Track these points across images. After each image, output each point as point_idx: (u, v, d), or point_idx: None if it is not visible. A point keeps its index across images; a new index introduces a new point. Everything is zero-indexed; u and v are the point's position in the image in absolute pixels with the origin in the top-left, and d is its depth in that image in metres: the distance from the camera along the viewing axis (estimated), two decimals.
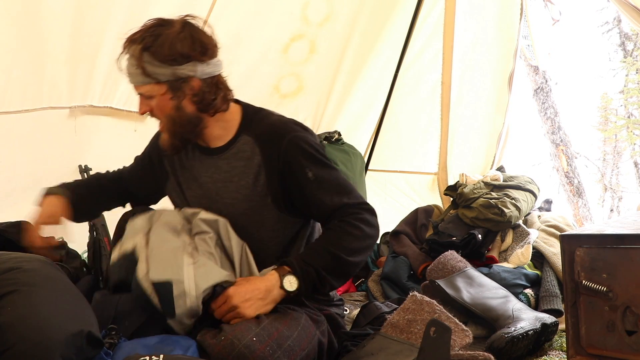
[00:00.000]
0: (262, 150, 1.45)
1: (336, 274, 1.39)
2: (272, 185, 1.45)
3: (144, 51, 1.33)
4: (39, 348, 0.99)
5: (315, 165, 1.44)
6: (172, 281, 1.27)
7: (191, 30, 1.37)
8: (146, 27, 1.37)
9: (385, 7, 3.01)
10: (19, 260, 1.18)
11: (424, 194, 3.36)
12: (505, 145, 3.28)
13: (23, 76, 2.07)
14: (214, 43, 1.42)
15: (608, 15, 6.51)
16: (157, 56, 1.33)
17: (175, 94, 1.38)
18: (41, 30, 2.03)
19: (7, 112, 2.12)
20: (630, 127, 6.89)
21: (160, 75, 1.35)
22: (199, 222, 1.42)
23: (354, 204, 1.44)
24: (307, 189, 1.43)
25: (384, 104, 3.30)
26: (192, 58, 1.35)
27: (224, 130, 1.49)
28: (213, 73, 1.42)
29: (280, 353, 1.26)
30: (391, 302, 1.99)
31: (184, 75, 1.36)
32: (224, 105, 1.46)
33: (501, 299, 1.84)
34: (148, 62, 1.33)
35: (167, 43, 1.33)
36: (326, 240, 1.40)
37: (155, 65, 1.33)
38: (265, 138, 1.45)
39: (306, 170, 1.42)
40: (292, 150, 1.43)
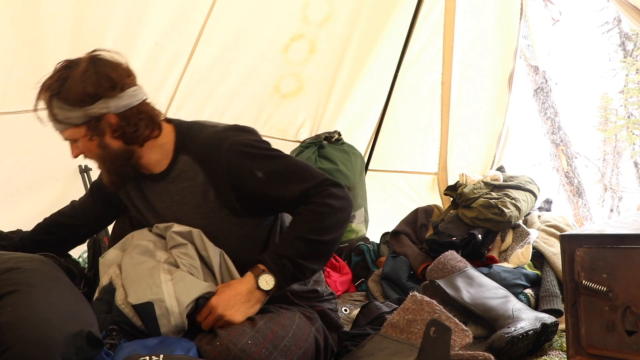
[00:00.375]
0: (202, 167, 1.42)
1: (314, 258, 1.37)
2: (223, 198, 1.42)
3: (52, 98, 1.33)
4: (39, 348, 0.99)
5: (262, 163, 1.39)
6: (153, 301, 1.27)
7: (97, 67, 1.33)
8: (54, 72, 1.35)
9: (385, 7, 3.01)
10: (19, 260, 1.18)
11: (424, 194, 3.36)
12: (505, 145, 3.28)
13: (23, 76, 2.07)
14: (125, 74, 1.38)
15: (608, 15, 6.52)
16: (67, 101, 1.32)
17: (95, 133, 1.36)
18: (41, 30, 2.03)
19: (7, 112, 2.12)
20: (630, 127, 6.90)
21: (74, 118, 1.34)
22: (173, 235, 1.41)
23: (316, 183, 1.38)
24: (262, 189, 1.39)
25: (384, 104, 3.30)
26: (101, 96, 1.33)
27: (161, 155, 1.45)
28: (129, 105, 1.37)
29: (277, 354, 1.26)
30: (391, 302, 1.99)
31: (97, 114, 1.34)
32: (153, 133, 1.42)
33: (501, 299, 1.84)
34: (59, 108, 1.33)
35: (74, 86, 1.31)
36: (296, 227, 1.38)
37: (66, 110, 1.32)
38: (203, 155, 1.42)
39: (254, 171, 1.38)
40: (232, 159, 1.38)
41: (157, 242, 1.45)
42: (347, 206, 1.41)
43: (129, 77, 1.38)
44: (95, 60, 1.35)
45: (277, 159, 1.42)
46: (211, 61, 2.63)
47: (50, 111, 1.34)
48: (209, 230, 1.44)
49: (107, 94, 1.33)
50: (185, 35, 2.48)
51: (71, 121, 1.34)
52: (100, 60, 1.35)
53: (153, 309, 1.27)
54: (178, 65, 2.54)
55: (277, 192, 1.39)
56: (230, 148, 1.39)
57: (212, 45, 2.57)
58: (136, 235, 1.48)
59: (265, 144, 1.45)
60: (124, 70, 1.38)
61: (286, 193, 1.39)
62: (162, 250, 1.42)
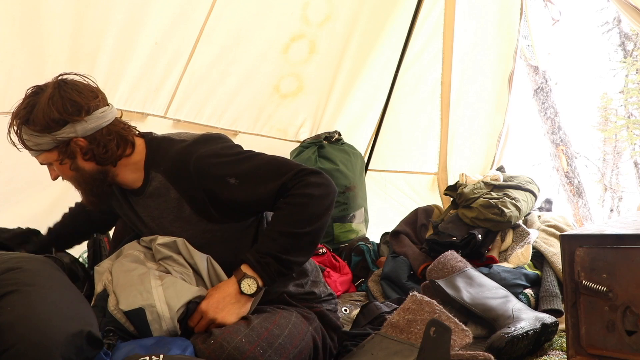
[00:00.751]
0: (173, 184, 1.42)
1: (298, 250, 1.36)
2: (200, 210, 1.42)
3: (22, 126, 1.36)
4: (38, 348, 0.99)
5: (232, 169, 1.39)
6: (144, 307, 1.28)
7: (62, 92, 1.35)
8: (23, 99, 1.38)
9: (385, 7, 3.01)
10: (18, 260, 1.18)
11: (424, 194, 3.36)
12: (505, 145, 3.28)
13: (23, 76, 2.07)
14: (92, 96, 1.38)
15: (608, 15, 6.52)
16: (35, 128, 1.34)
17: (66, 157, 1.39)
18: (41, 30, 2.03)
19: (7, 112, 2.12)
20: (630, 127, 6.89)
21: (44, 144, 1.36)
22: (159, 247, 1.43)
23: (291, 176, 1.37)
24: (238, 194, 1.38)
25: (384, 104, 3.31)
26: (67, 121, 1.34)
27: (136, 172, 1.47)
28: (97, 127, 1.38)
29: (272, 352, 1.27)
30: (391, 302, 1.99)
31: (66, 139, 1.36)
32: (126, 151, 1.44)
33: (501, 299, 1.84)
34: (28, 135, 1.35)
35: (40, 112, 1.33)
36: (277, 222, 1.36)
37: (35, 136, 1.35)
38: (172, 172, 1.42)
39: (226, 179, 1.37)
40: (201, 172, 1.38)
41: (146, 253, 1.46)
42: (328, 192, 1.39)
43: (95, 99, 1.39)
44: (61, 85, 1.36)
45: (247, 160, 1.41)
46: (211, 61, 2.63)
47: (21, 138, 1.37)
48: (192, 241, 1.45)
49: (72, 119, 1.34)
50: (185, 35, 2.48)
51: (42, 147, 1.37)
52: (66, 84, 1.37)
53: (144, 315, 1.28)
54: (178, 65, 2.54)
55: (253, 194, 1.38)
56: (197, 162, 1.38)
57: (212, 45, 2.57)
58: (127, 247, 1.50)
59: (234, 149, 1.45)
60: (90, 93, 1.38)
61: (263, 192, 1.38)
62: (151, 261, 1.44)
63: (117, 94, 2.43)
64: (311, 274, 1.59)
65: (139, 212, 1.52)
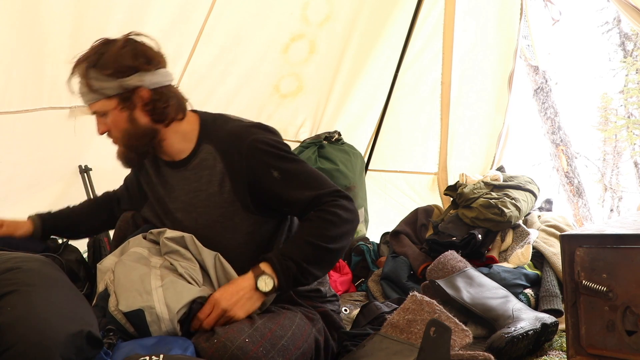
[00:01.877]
0: (223, 157, 1.45)
1: (318, 264, 1.38)
2: (238, 191, 1.44)
3: (89, 69, 1.36)
4: (38, 348, 0.99)
5: (280, 164, 1.42)
6: (143, 308, 1.28)
7: (134, 45, 1.39)
8: (91, 48, 1.39)
9: (385, 7, 3.01)
10: (18, 260, 1.18)
11: (424, 194, 3.36)
12: (505, 145, 3.28)
13: (23, 76, 2.07)
14: (159, 55, 1.44)
15: (608, 15, 6.52)
16: (103, 71, 1.35)
17: (125, 106, 1.40)
18: (41, 30, 2.03)
19: (7, 112, 2.12)
20: (630, 127, 6.89)
21: (108, 89, 1.37)
22: (166, 241, 1.42)
23: (328, 192, 1.41)
24: (276, 189, 1.42)
25: (384, 104, 3.30)
26: (137, 69, 1.37)
27: (185, 142, 1.49)
28: (162, 82, 1.42)
29: (275, 353, 1.26)
30: (391, 302, 1.99)
31: (132, 86, 1.37)
32: (179, 115, 1.46)
33: (501, 299, 1.84)
34: (94, 79, 1.36)
35: (111, 57, 1.36)
36: (304, 231, 1.38)
37: (101, 80, 1.36)
38: (225, 145, 1.45)
39: (271, 170, 1.41)
40: (253, 154, 1.41)
41: (151, 249, 1.45)
42: (354, 219, 1.43)
43: (162, 58, 1.44)
44: (132, 40, 1.40)
45: (294, 162, 1.45)
46: (211, 61, 2.63)
47: (86, 81, 1.37)
48: (220, 221, 1.46)
49: (143, 68, 1.38)
50: (185, 35, 2.48)
51: (106, 92, 1.37)
52: (136, 41, 1.41)
53: (144, 316, 1.27)
54: (178, 65, 2.54)
55: (289, 194, 1.41)
56: (252, 143, 1.42)
57: (212, 45, 2.57)
58: (131, 242, 1.49)
59: (286, 147, 1.48)
60: (158, 53, 1.44)
61: (298, 196, 1.41)
62: (157, 256, 1.43)
63: None
64: None
65: (172, 186, 1.52)
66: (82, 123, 2.39)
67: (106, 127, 1.44)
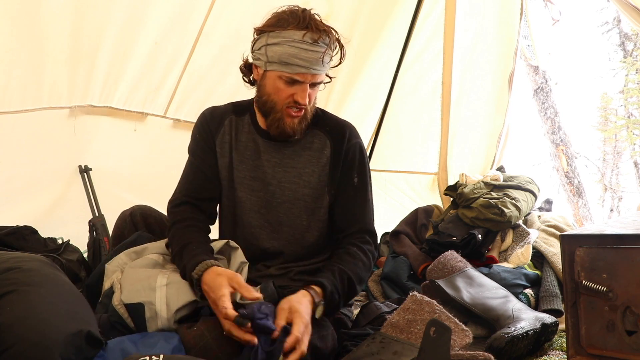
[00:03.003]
0: (332, 144, 1.55)
1: (345, 301, 1.47)
2: (332, 177, 1.54)
3: (334, 41, 1.46)
4: (38, 348, 0.99)
5: (362, 175, 1.56)
6: (144, 303, 1.29)
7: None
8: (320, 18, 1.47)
9: (385, 7, 3.01)
10: (17, 260, 1.18)
11: (424, 194, 3.36)
12: (505, 145, 3.28)
13: (23, 76, 2.07)
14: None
15: (608, 15, 6.52)
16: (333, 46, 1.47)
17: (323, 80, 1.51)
18: (41, 30, 2.03)
19: (7, 112, 2.12)
20: (630, 127, 6.89)
21: (332, 63, 1.48)
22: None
23: (370, 231, 1.54)
24: (346, 191, 1.54)
25: (384, 104, 3.30)
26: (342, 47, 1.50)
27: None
28: None
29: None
30: (391, 302, 1.99)
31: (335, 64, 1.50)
32: None
33: (501, 299, 1.84)
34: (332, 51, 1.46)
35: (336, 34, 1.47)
36: (347, 266, 1.45)
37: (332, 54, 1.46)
38: (336, 133, 1.56)
39: (354, 174, 1.54)
40: (354, 153, 1.55)
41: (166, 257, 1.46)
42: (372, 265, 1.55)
43: None
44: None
45: (369, 186, 1.59)
46: (211, 61, 2.63)
47: (342, 49, 1.49)
48: (305, 200, 1.54)
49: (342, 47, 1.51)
50: (185, 35, 2.48)
51: (333, 64, 1.49)
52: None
53: (143, 311, 1.28)
54: (178, 65, 2.54)
55: (350, 203, 1.53)
56: (358, 143, 1.58)
57: (211, 45, 2.57)
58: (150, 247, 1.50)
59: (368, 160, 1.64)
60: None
61: (354, 211, 1.53)
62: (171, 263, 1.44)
63: (117, 94, 2.43)
64: None
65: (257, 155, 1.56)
66: (82, 123, 2.39)
67: (309, 99, 1.48)
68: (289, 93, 1.44)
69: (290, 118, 1.47)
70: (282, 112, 1.47)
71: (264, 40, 1.46)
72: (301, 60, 1.40)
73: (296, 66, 1.40)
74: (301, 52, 1.39)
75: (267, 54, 1.44)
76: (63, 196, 2.51)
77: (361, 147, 1.59)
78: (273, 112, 1.48)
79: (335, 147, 1.55)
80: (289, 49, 1.40)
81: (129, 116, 2.52)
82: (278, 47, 1.42)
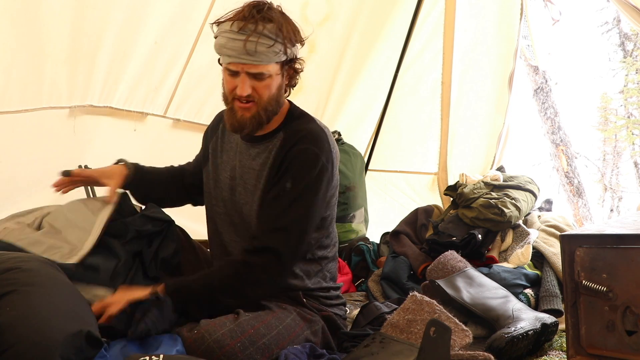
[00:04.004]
0: (280, 145, 1.49)
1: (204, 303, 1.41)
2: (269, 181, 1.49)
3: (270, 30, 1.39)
4: (38, 348, 0.99)
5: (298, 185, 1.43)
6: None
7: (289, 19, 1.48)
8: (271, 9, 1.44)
9: (385, 7, 3.01)
10: (17, 260, 1.18)
11: (424, 194, 3.35)
12: (505, 145, 3.28)
13: (23, 76, 2.07)
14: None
15: (608, 15, 6.52)
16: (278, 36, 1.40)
17: (283, 73, 1.47)
18: (41, 30, 2.03)
19: (7, 112, 2.12)
20: (630, 127, 6.89)
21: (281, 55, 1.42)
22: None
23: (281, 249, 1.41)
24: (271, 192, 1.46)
25: (384, 104, 3.30)
26: (299, 40, 1.47)
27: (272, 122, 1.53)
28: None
29: (253, 350, 1.28)
30: (391, 302, 1.99)
31: (294, 56, 1.47)
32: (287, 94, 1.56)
33: (501, 299, 1.84)
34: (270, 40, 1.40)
35: (292, 25, 1.45)
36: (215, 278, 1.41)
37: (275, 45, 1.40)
38: (289, 137, 1.49)
39: (288, 178, 1.44)
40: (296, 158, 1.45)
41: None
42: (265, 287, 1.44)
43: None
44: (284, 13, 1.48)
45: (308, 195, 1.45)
46: (211, 61, 2.60)
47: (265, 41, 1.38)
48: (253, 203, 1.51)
49: (300, 42, 1.48)
50: (185, 34, 2.47)
51: (279, 58, 1.42)
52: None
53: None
54: (178, 65, 2.54)
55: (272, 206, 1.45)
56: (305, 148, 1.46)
57: (211, 45, 2.54)
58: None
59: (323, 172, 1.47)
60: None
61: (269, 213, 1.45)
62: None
63: (117, 94, 2.42)
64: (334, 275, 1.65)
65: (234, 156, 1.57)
66: (82, 123, 2.39)
67: (252, 91, 1.44)
68: (233, 85, 1.44)
69: (241, 110, 1.46)
70: (233, 104, 1.47)
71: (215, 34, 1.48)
72: (229, 50, 1.40)
73: (226, 56, 1.41)
74: (229, 41, 1.39)
75: (215, 48, 1.47)
76: (63, 196, 2.50)
77: (309, 153, 1.45)
78: (227, 105, 1.51)
79: (280, 150, 1.49)
80: (220, 39, 1.42)
81: (129, 116, 2.52)
82: (217, 40, 1.45)
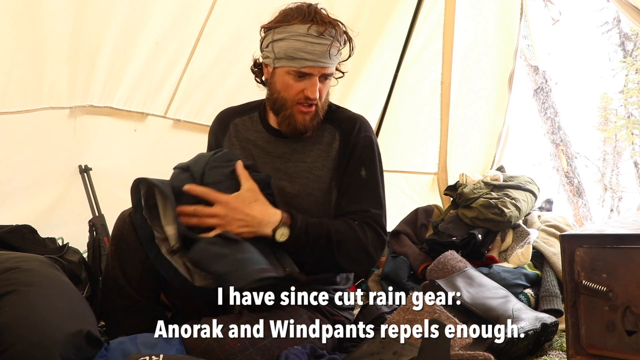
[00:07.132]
0: (341, 137, 1.53)
1: (316, 259, 1.41)
2: (339, 171, 1.52)
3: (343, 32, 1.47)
4: (38, 348, 0.99)
5: (372, 171, 1.52)
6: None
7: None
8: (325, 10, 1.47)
9: (385, 7, 3.01)
10: (17, 260, 1.18)
11: (424, 194, 3.36)
12: (505, 145, 3.28)
13: (23, 76, 2.07)
14: None
15: (608, 15, 6.51)
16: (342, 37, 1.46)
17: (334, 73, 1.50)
18: (41, 30, 2.03)
19: (7, 112, 2.12)
20: (630, 127, 6.89)
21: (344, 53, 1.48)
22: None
23: (376, 217, 1.47)
24: (352, 185, 1.50)
25: (384, 104, 3.30)
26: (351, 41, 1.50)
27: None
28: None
29: (253, 351, 1.27)
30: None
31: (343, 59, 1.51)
32: None
33: (501, 299, 1.84)
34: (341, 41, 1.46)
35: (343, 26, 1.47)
36: (336, 225, 1.42)
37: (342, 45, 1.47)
38: (346, 127, 1.54)
39: (362, 168, 1.51)
40: (364, 146, 1.52)
41: None
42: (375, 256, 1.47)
43: None
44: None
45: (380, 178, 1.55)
46: (211, 61, 2.63)
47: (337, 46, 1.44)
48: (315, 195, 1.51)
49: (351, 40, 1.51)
50: (185, 35, 2.48)
51: (343, 57, 1.50)
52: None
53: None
54: (178, 66, 2.54)
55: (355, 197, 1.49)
56: (366, 135, 1.54)
57: (212, 45, 2.57)
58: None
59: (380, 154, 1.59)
60: None
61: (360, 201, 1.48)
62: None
63: (117, 94, 2.43)
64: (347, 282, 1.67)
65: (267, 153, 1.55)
66: (82, 123, 2.39)
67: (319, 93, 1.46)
68: (298, 89, 1.44)
69: (302, 115, 1.47)
70: (293, 109, 1.47)
71: (270, 37, 1.47)
72: (307, 54, 1.40)
73: (303, 60, 1.41)
74: (307, 45, 1.40)
75: (274, 51, 1.45)
76: (63, 196, 2.51)
77: (371, 140, 1.55)
78: (284, 110, 1.48)
79: (344, 140, 1.53)
80: (294, 43, 1.41)
81: (129, 116, 2.52)
82: (284, 43, 1.43)
